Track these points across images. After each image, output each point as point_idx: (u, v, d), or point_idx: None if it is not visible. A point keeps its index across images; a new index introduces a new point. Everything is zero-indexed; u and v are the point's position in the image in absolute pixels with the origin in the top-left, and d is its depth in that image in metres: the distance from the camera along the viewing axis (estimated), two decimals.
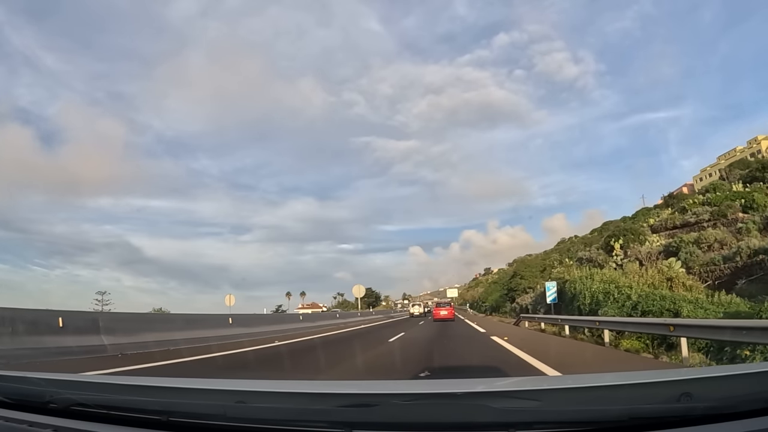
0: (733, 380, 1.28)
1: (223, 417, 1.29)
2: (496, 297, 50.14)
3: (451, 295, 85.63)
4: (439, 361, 8.34)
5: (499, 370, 6.68)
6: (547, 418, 1.16)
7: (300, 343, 12.43)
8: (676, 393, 1.14)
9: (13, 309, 7.69)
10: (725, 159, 58.14)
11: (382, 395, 1.40)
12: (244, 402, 1.36)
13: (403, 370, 7.06)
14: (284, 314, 41.09)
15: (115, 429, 1.38)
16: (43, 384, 1.64)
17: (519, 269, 46.10)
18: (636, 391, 1.28)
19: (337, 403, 1.29)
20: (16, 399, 1.59)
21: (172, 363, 7.87)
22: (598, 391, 1.31)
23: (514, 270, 49.72)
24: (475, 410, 1.19)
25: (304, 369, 7.46)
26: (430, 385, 2.51)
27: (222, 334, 12.73)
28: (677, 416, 1.12)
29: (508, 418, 1.14)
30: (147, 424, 1.36)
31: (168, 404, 1.39)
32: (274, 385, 1.75)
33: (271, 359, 9.10)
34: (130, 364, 7.14)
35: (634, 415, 1.11)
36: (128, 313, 12.65)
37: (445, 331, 17.64)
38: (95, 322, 9.04)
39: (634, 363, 8.13)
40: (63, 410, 1.48)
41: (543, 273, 37.77)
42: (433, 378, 6.01)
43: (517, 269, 46.85)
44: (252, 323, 15.79)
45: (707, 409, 1.12)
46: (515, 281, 42.27)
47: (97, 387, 1.76)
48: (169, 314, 17.01)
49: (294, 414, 1.29)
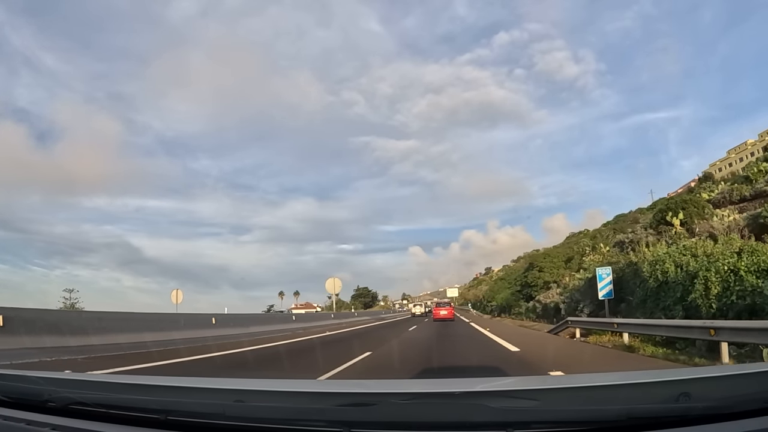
0: (732, 380, 1.28)
1: (221, 416, 1.29)
2: (505, 295, 43.74)
3: (451, 294, 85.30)
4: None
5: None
6: (546, 418, 1.16)
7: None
8: (674, 393, 1.14)
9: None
10: (735, 153, 57.33)
11: (380, 394, 1.40)
12: (242, 401, 1.36)
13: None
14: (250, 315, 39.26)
15: (113, 428, 1.38)
16: (42, 383, 1.64)
17: (536, 260, 37.81)
18: (634, 391, 1.28)
19: (336, 402, 1.29)
20: (14, 398, 1.59)
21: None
22: (596, 391, 1.31)
23: (529, 261, 41.23)
24: (473, 410, 1.19)
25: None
26: (428, 385, 2.50)
27: (179, 337, 11.39)
28: (675, 416, 1.12)
29: (506, 417, 1.14)
30: (145, 423, 1.36)
31: (166, 403, 1.39)
32: (273, 384, 1.75)
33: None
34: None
35: (632, 415, 1.11)
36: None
37: (445, 347, 11.62)
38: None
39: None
40: (61, 409, 1.48)
41: (569, 264, 31.92)
42: (431, 378, 6.02)
43: (534, 260, 38.61)
44: (201, 326, 14.22)
45: (705, 409, 1.12)
46: (532, 275, 35.61)
47: (95, 386, 1.75)
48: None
49: (292, 413, 1.29)
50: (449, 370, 7.17)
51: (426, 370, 6.92)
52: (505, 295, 44.07)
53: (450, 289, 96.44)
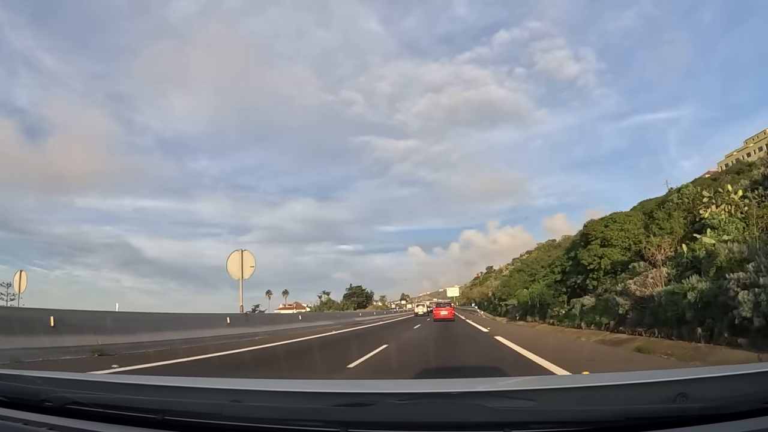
0: (729, 381, 1.29)
1: (218, 416, 1.29)
2: (539, 288, 29.59)
3: (452, 294, 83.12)
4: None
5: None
6: (543, 418, 1.16)
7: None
8: (672, 393, 1.14)
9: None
10: (753, 142, 56.29)
11: (378, 394, 1.39)
12: (239, 401, 1.35)
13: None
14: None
15: (110, 427, 1.38)
16: (39, 382, 1.64)
17: (593, 229, 23.12)
18: (632, 391, 1.29)
19: (333, 402, 1.28)
20: (11, 397, 1.58)
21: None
22: (594, 391, 1.31)
23: (582, 232, 25.45)
24: (472, 410, 1.19)
25: None
26: (426, 385, 2.50)
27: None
28: (673, 416, 1.12)
29: (504, 417, 1.13)
30: (142, 423, 1.35)
31: (163, 403, 1.39)
32: (270, 384, 1.75)
33: None
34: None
35: (630, 415, 1.11)
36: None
37: None
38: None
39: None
40: (58, 409, 1.48)
41: (652, 229, 19.36)
42: (429, 378, 6.02)
43: (590, 229, 23.53)
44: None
45: (703, 409, 1.13)
46: (587, 253, 22.68)
47: (92, 386, 1.75)
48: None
49: (290, 413, 1.29)
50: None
51: None
52: (538, 288, 30.13)
53: (450, 289, 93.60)
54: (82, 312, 9.51)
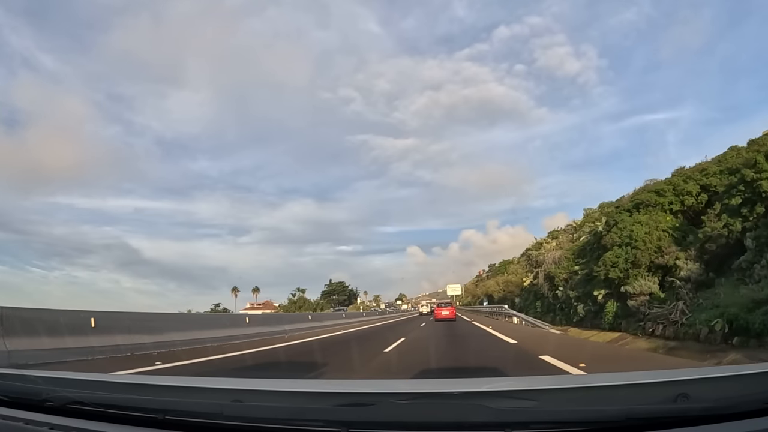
0: (730, 381, 1.29)
1: (219, 416, 1.29)
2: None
3: (452, 293, 71.60)
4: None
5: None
6: (544, 418, 1.16)
7: None
8: (672, 393, 1.14)
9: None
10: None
11: (378, 394, 1.40)
12: (240, 401, 1.36)
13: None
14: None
15: (111, 427, 1.38)
16: (40, 382, 1.64)
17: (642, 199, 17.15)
18: (633, 392, 1.29)
19: (334, 402, 1.29)
20: (13, 397, 1.59)
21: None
22: (594, 392, 1.31)
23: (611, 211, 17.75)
24: (472, 410, 1.19)
25: None
26: (426, 385, 2.51)
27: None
28: (674, 417, 1.12)
29: (505, 417, 1.14)
30: (144, 423, 1.36)
31: (164, 403, 1.39)
32: (271, 384, 1.76)
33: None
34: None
35: (630, 416, 1.11)
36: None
37: None
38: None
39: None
40: (59, 408, 1.48)
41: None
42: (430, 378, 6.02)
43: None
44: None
45: (704, 409, 1.12)
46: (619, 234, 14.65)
47: (93, 385, 1.75)
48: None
49: (291, 413, 1.29)
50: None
51: None
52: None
53: (451, 286, 77.99)
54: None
